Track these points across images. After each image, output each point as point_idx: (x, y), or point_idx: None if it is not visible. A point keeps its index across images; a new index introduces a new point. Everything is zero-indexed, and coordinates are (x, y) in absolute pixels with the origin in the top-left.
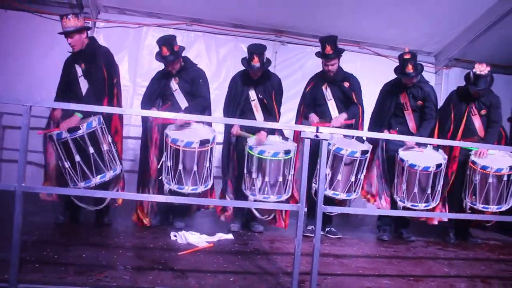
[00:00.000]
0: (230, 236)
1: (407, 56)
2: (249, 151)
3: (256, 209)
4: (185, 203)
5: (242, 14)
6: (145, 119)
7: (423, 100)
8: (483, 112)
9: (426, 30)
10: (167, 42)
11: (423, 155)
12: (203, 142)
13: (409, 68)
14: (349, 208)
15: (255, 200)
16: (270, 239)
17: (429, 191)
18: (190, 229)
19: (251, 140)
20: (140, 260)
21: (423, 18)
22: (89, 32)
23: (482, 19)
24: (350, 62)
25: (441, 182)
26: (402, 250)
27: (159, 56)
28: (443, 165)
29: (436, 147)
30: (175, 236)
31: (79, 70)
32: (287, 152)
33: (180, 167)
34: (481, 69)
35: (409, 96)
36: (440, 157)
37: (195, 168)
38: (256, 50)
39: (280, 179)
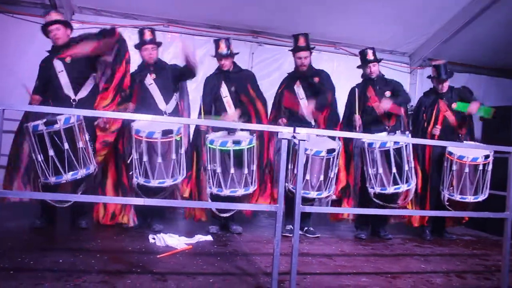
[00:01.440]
0: (209, 238)
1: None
2: (210, 145)
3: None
4: (161, 205)
5: (219, 15)
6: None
7: (391, 90)
8: (454, 106)
9: (400, 30)
10: (150, 29)
11: (385, 136)
12: (166, 133)
13: (369, 55)
14: (327, 208)
15: (223, 196)
16: (249, 240)
17: (394, 170)
18: (169, 231)
19: (212, 134)
20: (118, 263)
21: (398, 19)
22: None
23: (455, 20)
24: (326, 62)
25: (410, 163)
26: (379, 248)
27: (141, 39)
28: (403, 143)
29: (404, 132)
30: (154, 238)
31: (59, 65)
32: (236, 142)
33: (145, 159)
34: (438, 61)
35: (375, 88)
36: (403, 137)
37: (159, 160)
38: (221, 39)
39: (246, 171)
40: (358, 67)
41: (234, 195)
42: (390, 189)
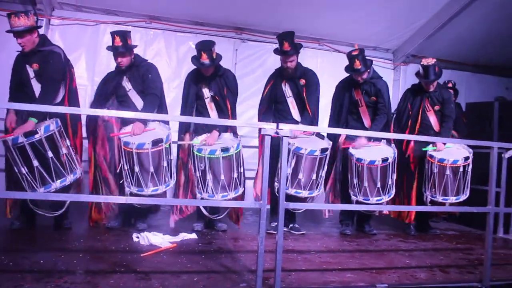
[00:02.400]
0: (193, 236)
1: (354, 53)
2: (198, 153)
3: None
4: (146, 203)
5: (202, 12)
6: (91, 119)
7: (376, 96)
8: (437, 107)
9: (384, 27)
10: (120, 32)
11: (372, 149)
12: (156, 142)
13: (357, 64)
14: (311, 204)
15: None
16: (234, 237)
17: (379, 185)
18: (153, 229)
19: (195, 139)
20: (101, 263)
21: (381, 15)
22: (43, 29)
23: (437, 16)
24: (310, 58)
25: (393, 176)
26: (364, 243)
27: (111, 47)
28: (390, 159)
29: (389, 142)
30: (138, 237)
31: (30, 72)
32: (224, 149)
33: (137, 169)
34: (428, 61)
35: (362, 92)
36: (390, 151)
37: (151, 170)
38: (204, 47)
39: (235, 174)
40: (346, 69)
41: (225, 199)
42: (373, 200)
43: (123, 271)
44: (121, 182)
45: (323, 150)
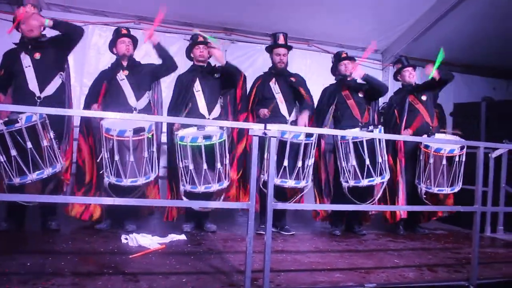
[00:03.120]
0: (182, 237)
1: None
2: (180, 142)
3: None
4: (133, 204)
5: (191, 12)
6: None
7: (365, 90)
8: (423, 97)
9: (372, 28)
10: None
11: (360, 132)
12: (137, 131)
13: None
14: (300, 205)
15: (197, 193)
16: (224, 238)
17: (367, 162)
18: (142, 231)
19: (181, 131)
20: (89, 265)
21: (370, 16)
22: None
23: (425, 17)
24: (299, 59)
25: (384, 156)
26: (354, 243)
27: (117, 35)
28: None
29: (376, 126)
30: (126, 239)
31: (26, 60)
32: (206, 137)
33: (116, 158)
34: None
35: (350, 88)
36: (376, 130)
37: (131, 159)
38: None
39: (218, 165)
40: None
41: (208, 191)
42: (364, 182)
43: (111, 273)
44: (100, 172)
45: (308, 135)
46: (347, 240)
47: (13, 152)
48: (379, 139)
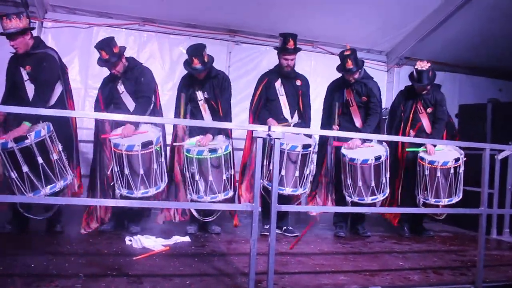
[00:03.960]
0: (186, 239)
1: (346, 53)
2: (187, 154)
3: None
4: (137, 206)
5: (195, 14)
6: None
7: (367, 96)
8: (429, 110)
9: (377, 29)
10: (104, 44)
11: (364, 149)
12: (145, 144)
13: (349, 64)
14: (304, 207)
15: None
16: (228, 240)
17: (373, 184)
18: (146, 232)
19: (187, 141)
20: (93, 267)
21: (375, 17)
22: (36, 32)
23: (430, 19)
24: (304, 61)
25: (386, 175)
26: (358, 245)
27: (100, 61)
28: (383, 157)
29: (380, 141)
30: (130, 240)
31: (24, 74)
32: (212, 150)
33: (127, 171)
34: (422, 65)
35: (353, 92)
36: (382, 149)
37: (141, 171)
38: (194, 52)
39: (224, 176)
40: (337, 68)
41: (214, 201)
42: (368, 200)
43: (115, 275)
44: (111, 184)
45: (306, 147)
46: (352, 242)
47: (25, 169)
48: (386, 160)
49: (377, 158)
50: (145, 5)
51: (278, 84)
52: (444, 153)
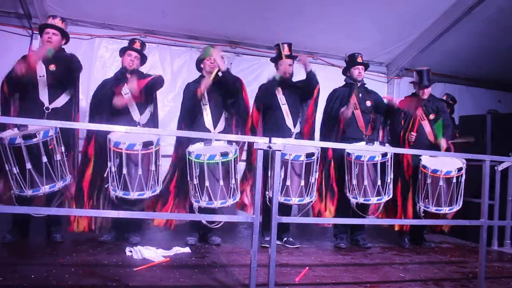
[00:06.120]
0: (187, 250)
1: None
2: (196, 160)
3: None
4: (137, 217)
5: (196, 25)
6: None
7: (373, 100)
8: (431, 116)
9: (377, 40)
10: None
11: (370, 148)
12: (146, 144)
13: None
14: (305, 218)
15: (200, 207)
16: (228, 251)
17: (379, 182)
18: (146, 243)
19: (190, 147)
20: (93, 278)
21: (374, 29)
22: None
23: (430, 30)
24: (304, 72)
25: (391, 175)
26: (359, 257)
27: (127, 47)
28: (388, 155)
29: (382, 143)
30: (131, 251)
31: (41, 70)
32: (224, 154)
33: (124, 171)
34: (419, 68)
35: (358, 96)
36: (385, 149)
37: (140, 172)
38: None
39: (233, 181)
40: (344, 69)
41: (224, 206)
42: (373, 200)
43: (115, 286)
44: (106, 186)
45: (309, 155)
46: (352, 254)
47: (28, 165)
48: (391, 159)
49: (384, 155)
50: (147, 16)
51: (278, 92)
52: (446, 161)
